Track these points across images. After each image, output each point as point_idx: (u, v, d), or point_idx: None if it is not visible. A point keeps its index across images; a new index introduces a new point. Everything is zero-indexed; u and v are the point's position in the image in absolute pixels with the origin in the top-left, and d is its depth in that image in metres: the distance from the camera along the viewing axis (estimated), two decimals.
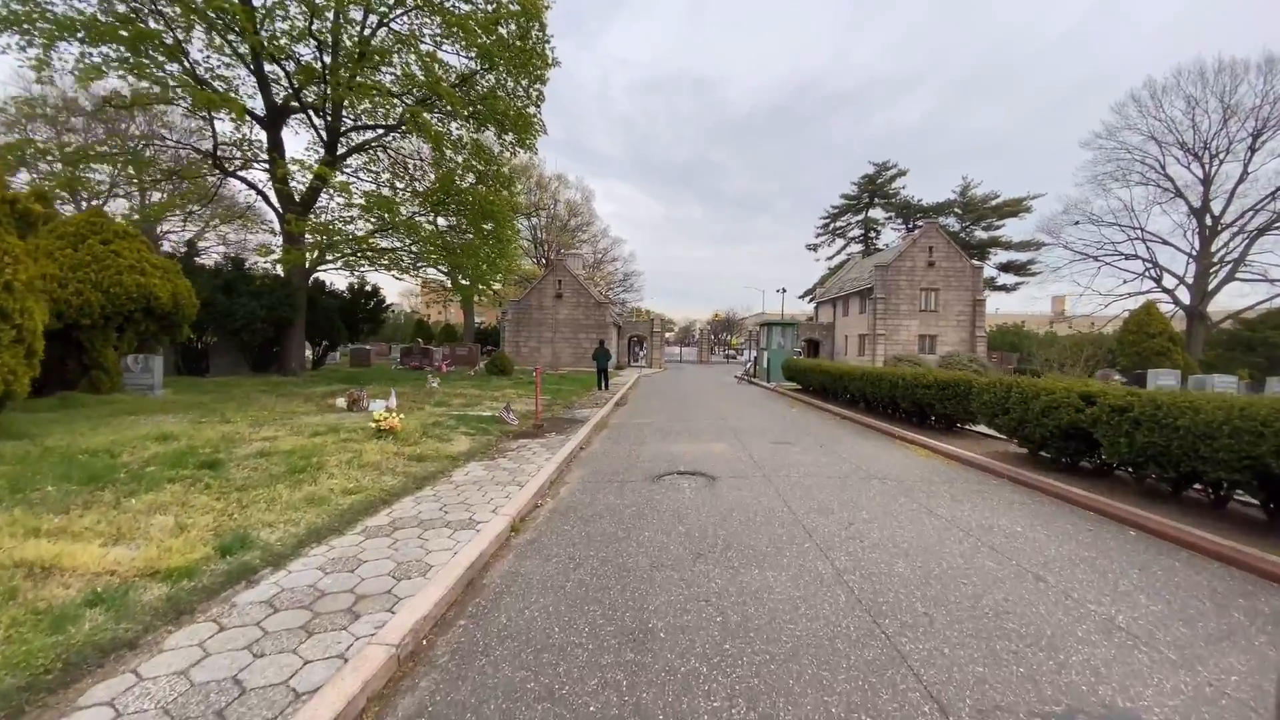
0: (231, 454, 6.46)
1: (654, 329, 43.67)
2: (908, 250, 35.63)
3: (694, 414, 13.02)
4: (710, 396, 18.08)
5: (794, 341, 23.63)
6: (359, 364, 25.74)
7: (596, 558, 4.15)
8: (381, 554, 4.01)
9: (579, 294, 35.04)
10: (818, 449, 8.61)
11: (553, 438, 9.09)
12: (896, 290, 35.46)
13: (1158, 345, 28.57)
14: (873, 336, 35.35)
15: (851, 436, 9.93)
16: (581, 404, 14.22)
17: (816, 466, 7.36)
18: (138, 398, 10.92)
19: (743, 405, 15.34)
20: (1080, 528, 5.01)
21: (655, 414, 12.94)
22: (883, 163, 58.21)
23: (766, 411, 13.87)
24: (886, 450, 8.62)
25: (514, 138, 17.71)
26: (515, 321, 35.36)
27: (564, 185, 55.98)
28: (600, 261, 69.51)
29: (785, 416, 12.89)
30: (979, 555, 4.27)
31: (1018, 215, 51.91)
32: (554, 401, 14.18)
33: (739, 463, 7.53)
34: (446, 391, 14.52)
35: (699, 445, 8.83)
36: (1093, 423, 5.73)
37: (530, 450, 8.01)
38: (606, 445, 8.93)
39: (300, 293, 16.06)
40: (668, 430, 10.44)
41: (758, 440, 9.36)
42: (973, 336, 35.31)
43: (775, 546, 4.38)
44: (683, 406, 14.61)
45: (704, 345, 57.93)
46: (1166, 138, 37.56)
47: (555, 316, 35.08)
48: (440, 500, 5.39)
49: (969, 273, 35.38)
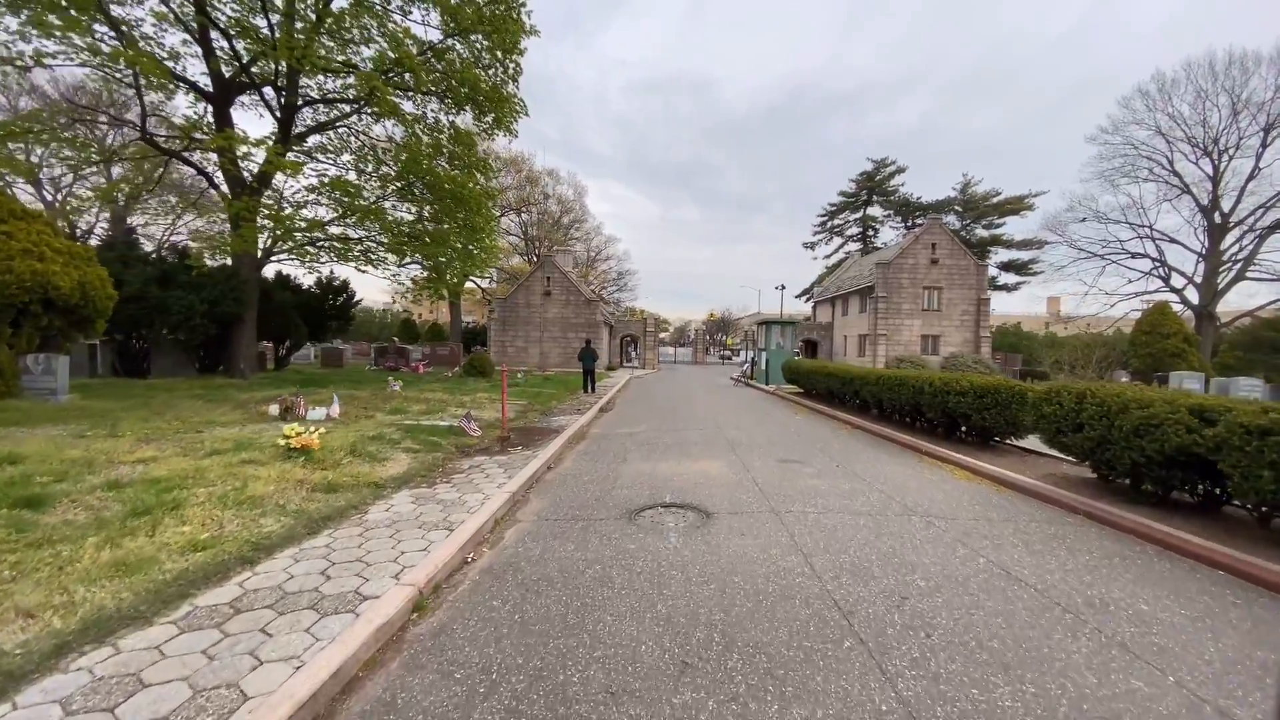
0: (78, 484, 4.92)
1: (647, 328, 42.18)
2: (910, 247, 34.31)
3: (686, 422, 11.54)
4: (705, 401, 16.61)
5: (794, 341, 22.22)
6: (331, 365, 24.11)
7: (525, 672, 2.65)
8: (170, 674, 2.49)
9: (568, 291, 33.51)
10: (835, 470, 7.14)
11: (517, 454, 7.58)
12: (898, 289, 34.13)
13: (1172, 346, 27.37)
14: (873, 337, 34.00)
15: (871, 452, 8.47)
16: (562, 410, 12.70)
17: (838, 497, 5.88)
18: (35, 404, 9.31)
19: (741, 411, 13.87)
20: (1223, 600, 3.55)
21: (643, 422, 11.45)
22: (881, 159, 57.01)
23: (768, 419, 12.41)
24: (917, 471, 7.16)
25: (492, 119, 16.18)
26: (501, 320, 33.79)
27: (555, 181, 54.39)
28: (594, 260, 68.06)
29: (789, 426, 11.43)
30: (1113, 664, 2.79)
31: (1019, 213, 50.77)
32: (530, 407, 12.66)
33: (740, 490, 6.04)
34: (409, 396, 12.97)
35: (691, 464, 7.34)
36: (1215, 448, 4.28)
37: (483, 472, 6.50)
38: (580, 464, 7.43)
39: (250, 285, 14.44)
40: (655, 443, 8.95)
41: (761, 457, 7.88)
42: (977, 337, 34.03)
43: (801, 648, 2.88)
44: (674, 413, 13.13)
45: (699, 345, 56.50)
46: (1174, 133, 36.45)
47: (543, 315, 33.54)
48: (331, 555, 3.88)
49: (973, 271, 34.10)
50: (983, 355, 33.34)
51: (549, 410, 12.61)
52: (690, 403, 15.75)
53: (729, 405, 15.36)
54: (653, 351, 42.19)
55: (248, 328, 14.40)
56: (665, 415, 12.62)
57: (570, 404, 14.01)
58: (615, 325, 42.78)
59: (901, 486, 6.34)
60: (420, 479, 6.11)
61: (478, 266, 18.03)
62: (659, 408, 14.27)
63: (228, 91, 14.74)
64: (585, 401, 14.83)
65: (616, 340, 42.63)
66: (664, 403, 15.71)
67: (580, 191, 60.73)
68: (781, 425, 11.44)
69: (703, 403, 15.90)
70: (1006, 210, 49.90)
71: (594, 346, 18.39)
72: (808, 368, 16.17)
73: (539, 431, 9.63)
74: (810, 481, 6.47)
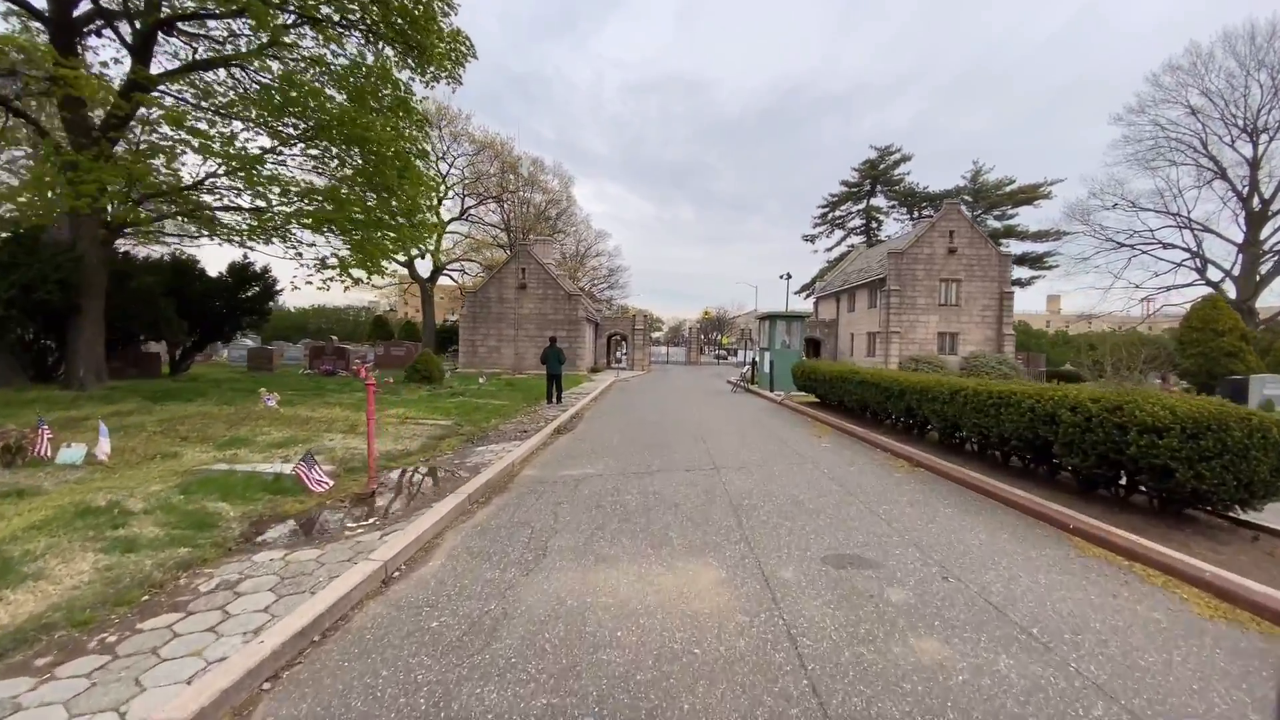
0: None
1: (636, 326, 38.68)
2: (925, 235, 30.95)
3: (668, 455, 8.04)
4: (697, 415, 13.12)
5: (803, 339, 18.82)
6: (260, 368, 20.46)
7: None
8: None
9: (546, 285, 29.93)
10: (946, 591, 3.63)
11: (358, 536, 4.10)
12: (913, 281, 30.76)
13: (1227, 345, 24.19)
14: (885, 334, 30.63)
15: (980, 530, 4.99)
16: (500, 433, 9.19)
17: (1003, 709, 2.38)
18: None
19: (746, 434, 10.38)
20: None
21: (605, 455, 7.95)
22: (885, 147, 53.73)
23: (785, 450, 8.91)
24: (1097, 588, 3.70)
25: (418, 57, 12.50)
26: (471, 317, 30.19)
27: (540, 170, 50.67)
28: (584, 256, 64.52)
29: (820, 464, 7.93)
30: None
31: (1033, 203, 47.58)
32: (454, 430, 9.13)
33: (778, 704, 2.54)
34: (284, 416, 9.37)
35: (662, 575, 3.82)
36: None
37: (223, 611, 2.99)
38: (454, 567, 3.91)
39: (93, 267, 10.82)
40: (610, 506, 5.44)
41: (793, 548, 4.38)
42: (999, 334, 30.73)
43: None
44: (654, 437, 9.64)
45: (693, 345, 53.08)
46: (1209, 111, 33.28)
47: (518, 311, 29.96)
48: None
49: (995, 261, 30.78)
50: (1006, 355, 30.06)
51: (483, 434, 9.09)
52: (678, 419, 12.26)
53: (728, 424, 11.88)
54: (643, 351, 38.72)
55: (88, 322, 10.77)
56: (641, 442, 9.12)
57: (518, 422, 10.50)
58: (601, 323, 39.26)
59: (1107, 653, 2.85)
60: (47, 640, 2.59)
61: (409, 240, 14.43)
62: (636, 428, 10.78)
63: (67, 6, 11.12)
64: (543, 417, 11.31)
65: (603, 339, 39.12)
66: (644, 419, 12.21)
67: (567, 182, 57.18)
68: (808, 463, 7.93)
69: (694, 419, 12.41)
70: (1020, 200, 46.71)
71: (561, 345, 14.88)
72: (829, 372, 12.70)
73: (445, 476, 6.13)
74: (923, 649, 2.95)
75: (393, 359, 24.59)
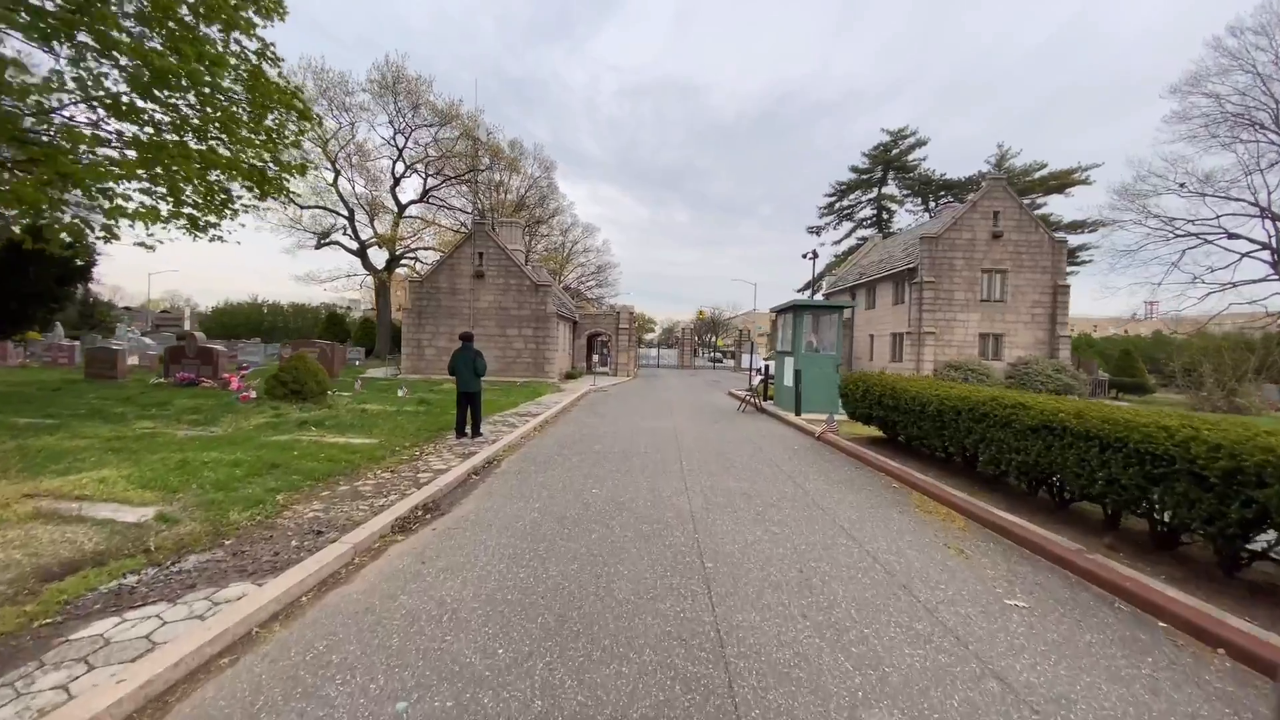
0: None
1: (621, 324, 33.40)
2: (964, 217, 25.90)
3: (620, 659, 2.84)
4: (698, 467, 7.89)
5: (839, 339, 13.65)
6: (102, 375, 15.01)
7: None
8: None
9: (508, 273, 24.61)
10: None
11: None
12: (949, 272, 25.70)
13: None
14: (917, 335, 25.54)
15: None
16: (242, 555, 3.85)
17: None
18: None
19: (804, 546, 5.17)
20: None
21: (443, 659, 2.76)
22: (899, 130, 48.81)
23: (960, 651, 3.67)
24: None
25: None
26: (417, 312, 24.80)
27: (519, 153, 45.22)
28: (570, 252, 59.23)
29: None
30: None
31: (1064, 191, 42.86)
32: (120, 547, 3.80)
33: None
34: None
35: None
36: None
37: None
38: None
39: None
40: None
41: None
42: (1052, 337, 25.72)
43: None
44: (598, 559, 4.44)
45: (686, 347, 47.89)
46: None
47: (474, 304, 24.61)
48: None
49: (1047, 248, 25.78)
50: (1063, 361, 25.05)
51: (218, 532, 3.79)
52: (660, 489, 6.98)
53: (753, 496, 6.62)
54: (629, 354, 33.44)
55: None
56: (562, 580, 3.91)
57: (340, 497, 5.21)
58: (581, 321, 33.97)
59: None
60: None
61: (268, 184, 9.30)
62: (576, 511, 5.53)
63: None
64: (413, 478, 6.02)
65: (583, 340, 33.82)
66: (603, 474, 6.95)
67: (548, 166, 51.87)
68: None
69: (695, 485, 7.16)
70: (1053, 187, 41.89)
71: (475, 346, 9.57)
72: (920, 396, 7.45)
73: None
74: None
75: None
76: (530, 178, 51.49)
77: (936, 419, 6.99)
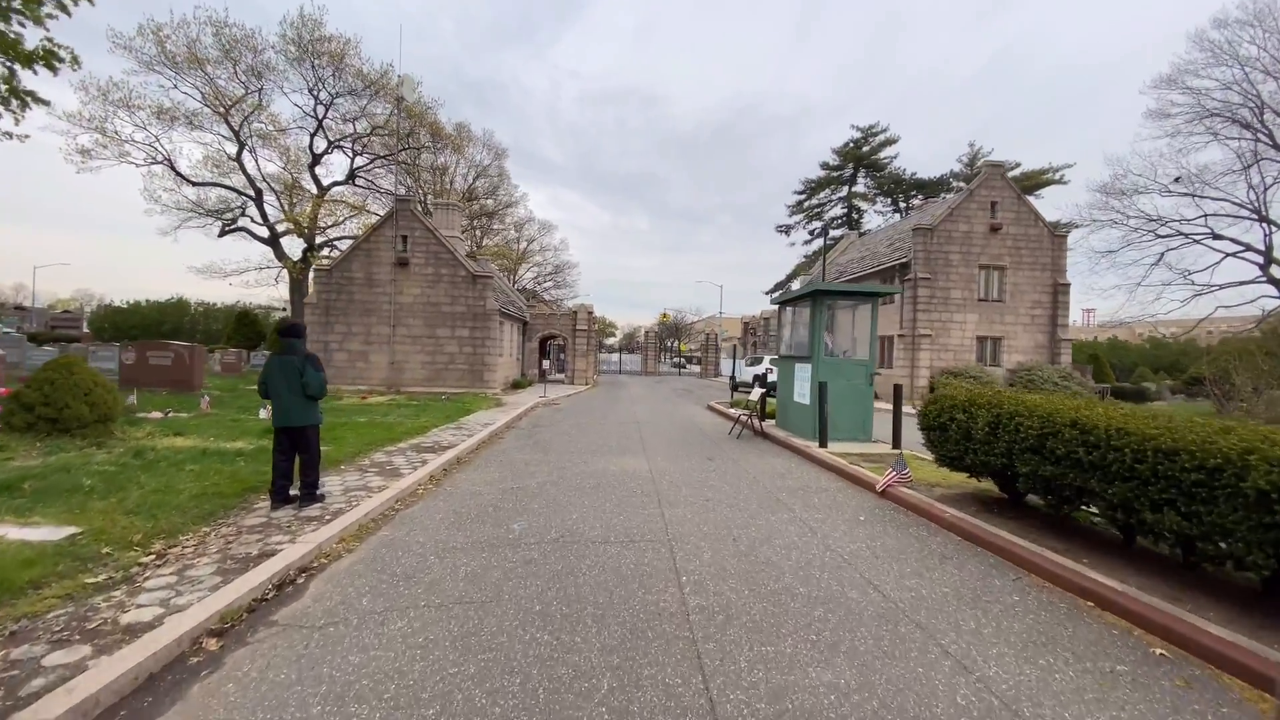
0: None
1: (579, 325, 29.42)
2: (961, 207, 23.37)
3: None
4: (718, 601, 4.07)
5: (874, 339, 10.27)
6: None
7: None
8: None
9: (439, 261, 20.25)
10: None
11: None
12: (946, 267, 23.07)
13: None
14: (912, 338, 22.73)
15: None
16: None
17: None
18: None
19: None
20: None
21: None
22: (869, 127, 47.00)
23: None
24: None
25: None
26: (324, 308, 20.09)
27: (465, 138, 40.43)
28: (526, 250, 54.68)
29: None
30: None
31: (1036, 192, 41.85)
32: None
33: None
34: None
35: None
36: None
37: None
38: None
39: None
40: None
41: None
42: (1053, 340, 23.48)
43: None
44: None
45: (649, 352, 44.32)
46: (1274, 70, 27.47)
47: (396, 299, 20.11)
48: None
49: (1047, 243, 23.57)
50: (1066, 367, 22.79)
51: None
52: (639, 665, 3.19)
53: None
54: (588, 359, 29.50)
55: None
56: None
57: None
58: (532, 321, 29.78)
59: None
60: None
61: None
62: None
63: None
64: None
65: (534, 342, 29.62)
66: (495, 649, 3.12)
67: (499, 154, 47.43)
68: None
69: (704, 684, 3.40)
70: (1026, 186, 40.69)
71: (305, 348, 5.48)
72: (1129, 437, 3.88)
73: None
74: None
75: (150, 371, 14.31)
76: (478, 166, 46.91)
77: (1128, 479, 3.42)
